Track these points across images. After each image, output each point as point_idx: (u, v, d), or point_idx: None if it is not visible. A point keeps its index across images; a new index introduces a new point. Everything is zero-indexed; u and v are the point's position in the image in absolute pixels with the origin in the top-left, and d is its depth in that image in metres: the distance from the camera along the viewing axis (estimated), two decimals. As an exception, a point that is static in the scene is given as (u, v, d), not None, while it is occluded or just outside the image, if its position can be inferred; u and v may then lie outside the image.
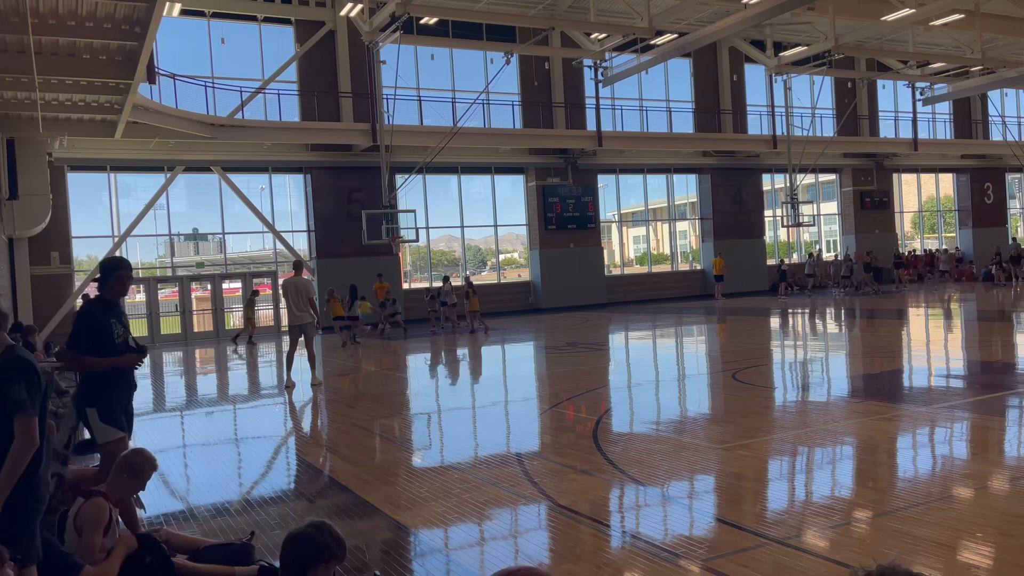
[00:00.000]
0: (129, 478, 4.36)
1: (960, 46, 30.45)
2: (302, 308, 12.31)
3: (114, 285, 5.32)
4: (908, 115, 35.10)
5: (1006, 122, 35.90)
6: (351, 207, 25.29)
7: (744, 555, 4.50)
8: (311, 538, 3.01)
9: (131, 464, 4.37)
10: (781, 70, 30.08)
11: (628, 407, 9.93)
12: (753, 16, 22.10)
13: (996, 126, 36.63)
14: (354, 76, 25.26)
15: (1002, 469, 6.11)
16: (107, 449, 5.28)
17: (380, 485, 6.50)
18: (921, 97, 33.94)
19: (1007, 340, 14.73)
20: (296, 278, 12.62)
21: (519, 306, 28.27)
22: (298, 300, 12.28)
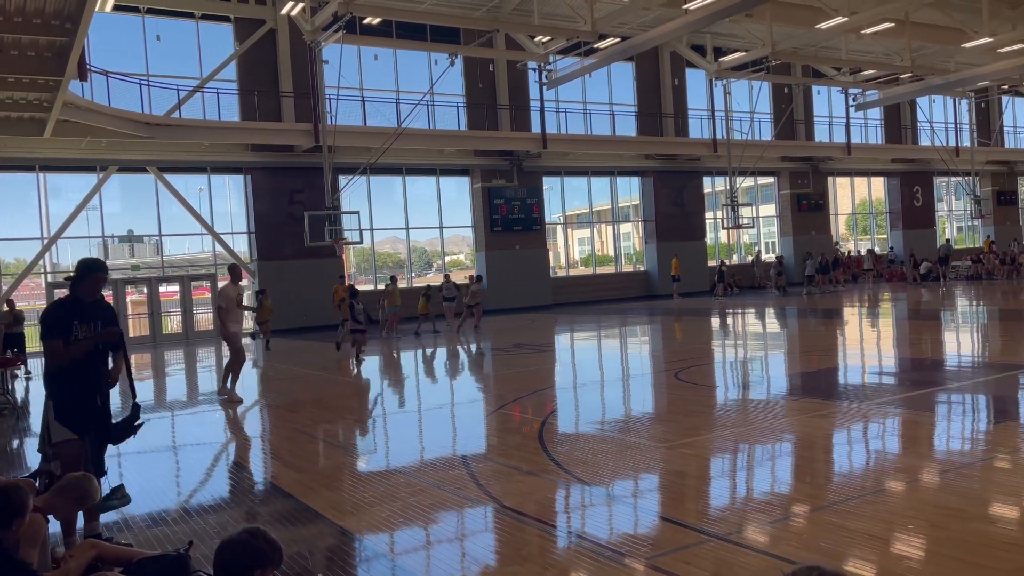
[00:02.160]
0: (75, 504, 4.30)
1: (890, 54, 31.50)
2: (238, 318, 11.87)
3: (88, 286, 5.18)
4: (842, 120, 36.19)
5: (934, 128, 37.30)
6: (293, 208, 24.89)
7: (687, 552, 4.57)
8: (245, 544, 2.94)
9: (81, 492, 4.29)
10: (721, 75, 30.69)
11: (574, 407, 9.99)
12: (694, 22, 22.49)
13: (924, 132, 38.02)
14: (296, 75, 24.87)
15: (932, 463, 6.33)
16: (59, 449, 5.10)
17: (323, 491, 6.40)
18: (854, 103, 35.03)
19: (935, 338, 15.28)
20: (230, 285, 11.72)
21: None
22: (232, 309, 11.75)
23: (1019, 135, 43.02)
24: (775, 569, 4.17)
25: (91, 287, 5.21)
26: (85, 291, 5.20)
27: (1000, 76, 32.03)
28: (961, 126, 39.38)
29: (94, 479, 4.48)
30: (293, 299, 24.73)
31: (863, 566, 4.30)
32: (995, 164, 40.73)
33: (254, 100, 24.51)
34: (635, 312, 25.17)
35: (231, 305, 11.31)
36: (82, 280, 5.16)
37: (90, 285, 5.20)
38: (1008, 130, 42.23)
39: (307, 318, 24.62)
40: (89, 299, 5.25)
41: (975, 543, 4.43)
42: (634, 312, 25.16)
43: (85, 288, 5.19)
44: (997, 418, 7.98)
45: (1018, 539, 4.50)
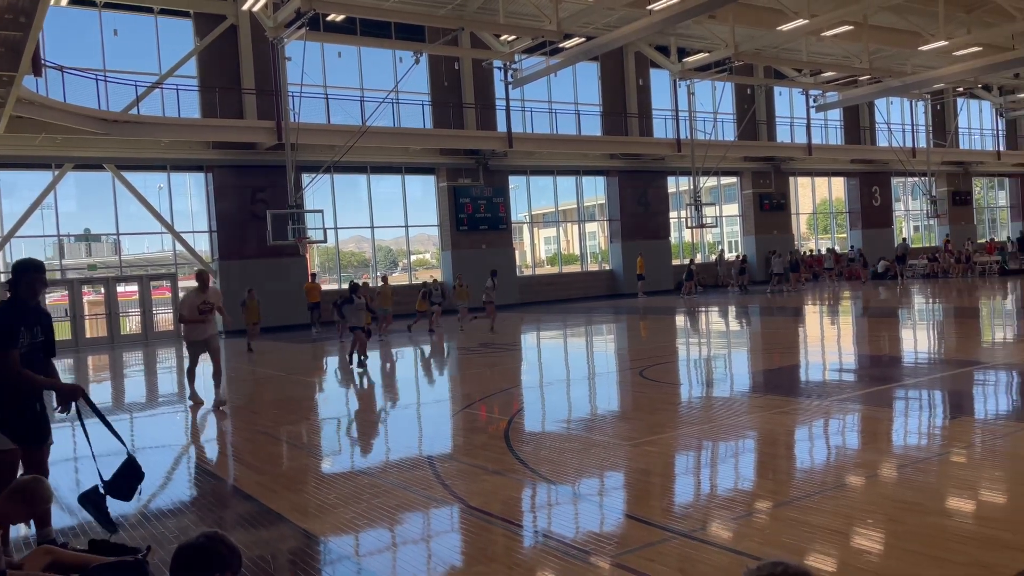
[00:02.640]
0: (24, 508, 4.15)
1: (849, 56, 32.06)
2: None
3: (25, 289, 4.97)
4: (803, 121, 36.74)
5: (891, 129, 38.07)
6: (255, 207, 24.57)
7: (651, 550, 4.59)
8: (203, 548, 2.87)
9: (31, 495, 4.14)
10: (684, 75, 30.97)
11: (540, 406, 10.00)
12: (658, 22, 22.67)
13: (882, 133, 38.78)
14: (258, 72, 24.54)
15: (890, 458, 6.45)
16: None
17: (286, 493, 6.32)
18: (814, 104, 35.59)
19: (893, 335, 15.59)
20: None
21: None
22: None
23: (973, 137, 44.08)
24: (739, 565, 4.21)
25: (28, 289, 5.00)
26: (25, 294, 5.01)
27: (955, 79, 32.81)
28: (917, 127, 40.23)
29: (45, 481, 4.35)
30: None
31: (824, 560, 4.36)
32: (950, 165, 41.68)
33: (215, 97, 24.13)
34: (601, 311, 25.29)
35: (192, 314, 10.78)
36: (18, 283, 4.93)
37: (27, 287, 4.99)
38: (963, 132, 43.23)
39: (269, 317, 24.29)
40: (32, 302, 5.07)
41: (932, 536, 4.52)
42: (600, 311, 25.28)
43: (23, 290, 5.00)
44: (952, 413, 8.16)
45: (973, 532, 4.59)
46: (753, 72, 34.20)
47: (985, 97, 42.98)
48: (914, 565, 4.15)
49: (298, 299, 24.26)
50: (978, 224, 45.15)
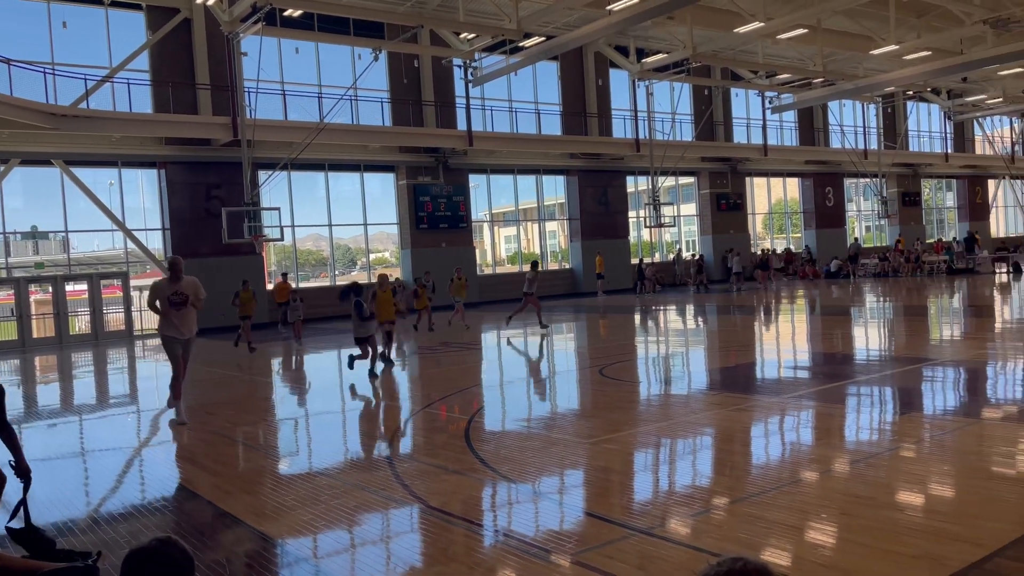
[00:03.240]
0: None
1: (804, 59, 32.65)
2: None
3: None
4: (758, 122, 37.32)
5: (844, 131, 38.88)
6: (210, 204, 24.14)
7: (611, 547, 4.61)
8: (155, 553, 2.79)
9: None
10: (643, 76, 31.24)
11: (500, 405, 10.00)
12: (617, 22, 22.83)
13: (836, 134, 39.58)
14: (213, 67, 24.11)
15: (843, 453, 6.58)
16: None
17: (242, 495, 6.22)
18: (770, 106, 36.17)
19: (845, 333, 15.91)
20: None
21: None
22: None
23: (922, 139, 45.23)
24: (697, 561, 4.25)
25: None
26: None
27: (905, 82, 33.62)
28: (869, 130, 41.15)
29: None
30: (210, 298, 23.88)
31: (780, 555, 4.42)
32: (900, 167, 42.71)
33: (168, 92, 23.64)
34: (560, 309, 25.38)
35: (165, 307, 9.31)
36: None
37: None
38: (912, 134, 44.34)
39: (224, 317, 23.90)
40: None
41: (884, 530, 4.61)
42: (559, 309, 25.37)
43: None
44: (902, 409, 8.36)
45: (923, 525, 4.70)
46: (710, 73, 34.63)
47: (934, 100, 44.14)
48: (866, 558, 4.23)
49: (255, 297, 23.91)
50: (927, 224, 46.34)
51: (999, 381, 9.73)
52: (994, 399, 8.75)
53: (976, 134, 47.65)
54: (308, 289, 27.87)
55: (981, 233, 43.46)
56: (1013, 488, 5.35)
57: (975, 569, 4.00)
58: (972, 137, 47.71)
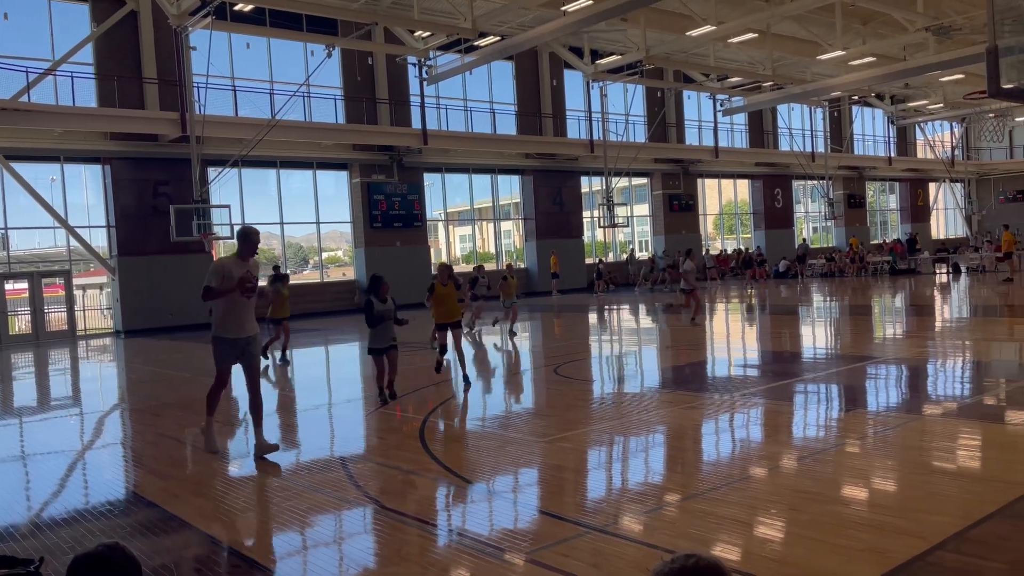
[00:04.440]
0: None
1: (754, 63, 33.24)
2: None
3: None
4: (710, 124, 37.90)
5: (792, 134, 39.71)
6: (158, 201, 23.60)
7: (565, 545, 4.63)
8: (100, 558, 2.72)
9: None
10: (597, 77, 31.47)
11: (455, 405, 9.97)
12: (571, 24, 22.95)
13: (784, 137, 40.39)
14: (160, 61, 23.56)
15: (791, 450, 6.72)
16: None
17: (191, 498, 6.09)
18: (721, 108, 36.75)
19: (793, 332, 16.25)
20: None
21: (343, 306, 27.63)
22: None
23: (867, 143, 46.43)
24: (650, 558, 4.30)
25: None
26: None
27: (851, 87, 34.47)
28: (816, 133, 42.09)
29: None
30: (159, 297, 23.49)
31: (731, 550, 4.50)
32: (846, 169, 43.77)
33: (113, 86, 23.03)
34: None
35: (231, 295, 7.10)
36: None
37: None
38: (858, 138, 45.48)
39: (173, 316, 23.45)
40: None
41: (830, 524, 4.72)
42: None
43: None
44: (848, 406, 8.57)
45: (868, 519, 4.83)
46: (663, 76, 35.04)
47: (878, 105, 45.35)
48: (814, 552, 4.33)
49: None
50: (871, 226, 47.57)
51: (939, 378, 10.04)
52: (934, 396, 9.03)
53: (918, 138, 49.09)
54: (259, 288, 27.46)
55: (922, 235, 44.82)
56: (954, 482, 5.53)
57: (918, 561, 4.12)
58: (914, 141, 49.14)
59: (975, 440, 6.79)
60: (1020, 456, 6.16)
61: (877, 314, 19.54)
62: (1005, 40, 8.58)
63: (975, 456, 6.32)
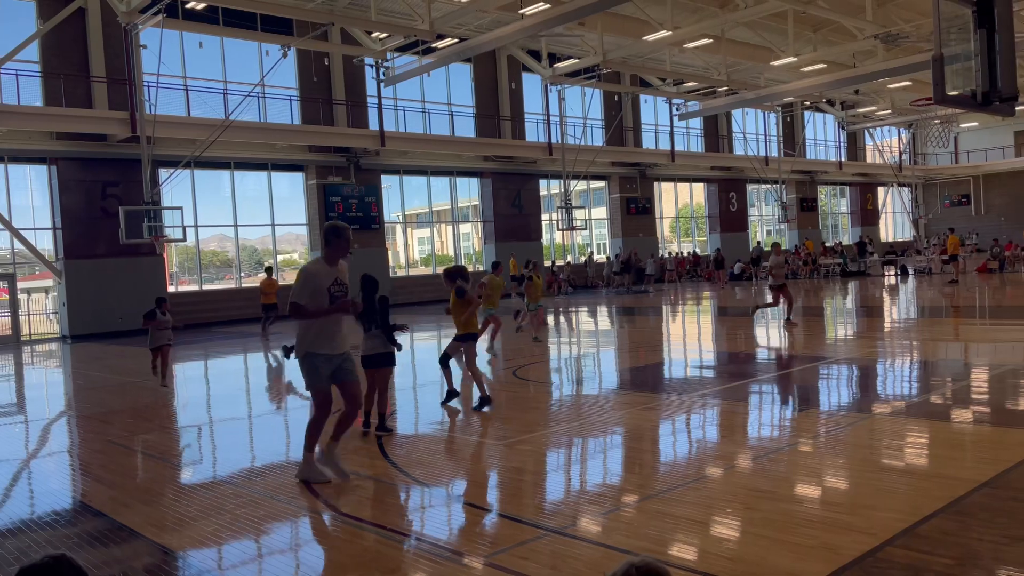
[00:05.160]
0: None
1: (709, 68, 33.71)
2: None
3: None
4: (666, 128, 38.34)
5: (746, 138, 40.37)
6: (107, 203, 23.05)
7: (524, 548, 4.63)
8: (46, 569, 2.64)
9: None
10: (555, 80, 31.61)
11: (413, 409, 9.91)
12: (529, 27, 23.02)
13: (739, 142, 41.05)
14: (109, 60, 23.02)
15: (746, 449, 6.81)
16: None
17: (141, 507, 5.95)
18: (677, 113, 37.19)
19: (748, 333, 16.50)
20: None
21: (299, 309, 27.27)
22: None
23: (819, 147, 47.43)
24: (608, 559, 4.32)
25: None
26: None
27: (803, 93, 35.18)
28: (770, 138, 42.87)
29: None
30: (108, 301, 22.94)
31: (687, 550, 4.54)
32: (799, 173, 44.65)
33: (60, 84, 22.44)
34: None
35: (322, 304, 6.10)
36: None
37: None
38: (809, 142, 46.44)
39: (123, 320, 22.91)
40: None
41: (784, 522, 4.80)
42: (472, 311, 25.37)
43: None
44: (800, 406, 8.72)
45: (821, 517, 4.92)
46: (620, 80, 35.34)
47: (829, 111, 46.36)
48: (768, 550, 4.39)
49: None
50: (823, 228, 48.57)
51: (888, 378, 10.28)
52: (883, 395, 9.24)
53: (867, 143, 50.30)
54: (213, 291, 27.00)
55: (871, 237, 45.91)
56: (902, 480, 5.66)
57: (868, 557, 4.20)
58: (864, 146, 50.34)
59: (922, 438, 6.96)
60: (965, 453, 6.34)
61: (829, 315, 19.94)
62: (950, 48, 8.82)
63: (922, 454, 6.48)
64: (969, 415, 7.83)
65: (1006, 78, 8.85)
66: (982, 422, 7.51)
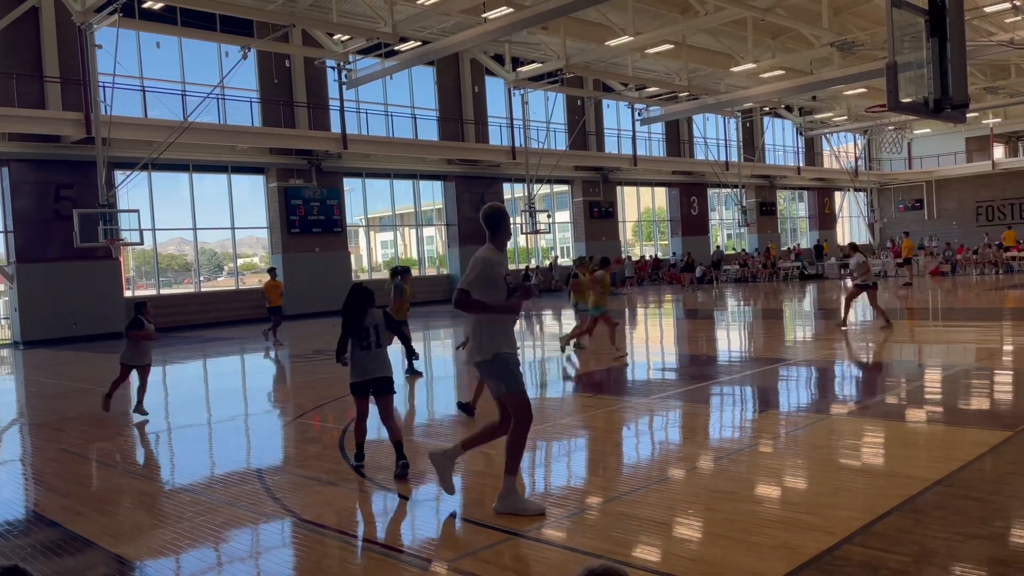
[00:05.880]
0: None
1: (670, 73, 34.09)
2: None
3: None
4: (628, 133, 38.65)
5: (707, 143, 40.88)
6: (60, 205, 22.51)
7: (488, 551, 4.62)
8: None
9: None
10: (518, 84, 31.69)
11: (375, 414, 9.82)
12: (492, 31, 23.04)
13: (700, 147, 41.55)
14: (63, 59, 22.51)
15: (708, 450, 6.89)
16: None
17: (96, 516, 5.81)
18: (639, 117, 37.52)
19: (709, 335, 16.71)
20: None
21: (260, 314, 26.83)
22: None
23: (777, 153, 48.20)
24: (572, 562, 4.33)
25: None
26: None
27: (762, 99, 35.76)
28: (730, 143, 43.45)
29: None
30: (61, 305, 22.40)
31: (650, 551, 4.57)
32: (758, 178, 45.32)
33: (12, 84, 21.87)
34: (438, 315, 25.31)
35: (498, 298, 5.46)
36: None
37: None
38: (769, 148, 47.16)
39: (76, 326, 22.41)
40: None
41: (744, 522, 4.86)
42: (437, 315, 25.30)
43: None
44: (761, 407, 8.85)
45: (780, 516, 4.99)
46: (583, 84, 35.55)
47: (787, 117, 47.15)
48: (729, 550, 4.44)
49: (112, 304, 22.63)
50: (781, 232, 49.36)
51: (845, 379, 10.48)
52: (841, 396, 9.41)
53: (824, 149, 51.25)
54: (172, 296, 26.53)
55: (828, 241, 46.78)
56: (859, 479, 5.77)
57: (826, 555, 4.28)
58: (821, 152, 51.28)
59: (878, 438, 7.11)
60: (920, 452, 6.48)
61: (788, 318, 20.26)
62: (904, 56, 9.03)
63: (879, 453, 6.61)
64: (923, 415, 8.02)
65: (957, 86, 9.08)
66: (935, 422, 7.69)
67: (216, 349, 18.94)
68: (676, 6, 27.85)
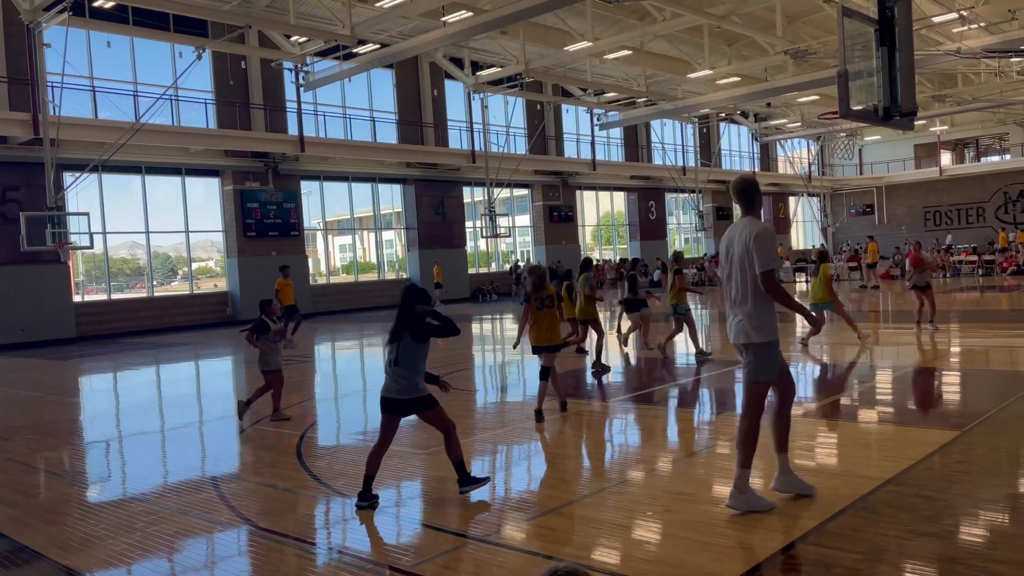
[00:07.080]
0: None
1: (629, 79, 34.41)
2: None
3: None
4: (588, 138, 38.90)
5: (665, 148, 41.35)
6: (6, 208, 21.87)
7: (448, 557, 4.60)
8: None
9: None
10: (478, 88, 31.70)
11: (335, 419, 9.74)
12: (452, 34, 23.01)
13: (658, 152, 42.00)
14: (10, 58, 21.89)
15: (666, 453, 6.95)
16: None
17: (44, 526, 5.65)
18: (598, 122, 37.80)
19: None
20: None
21: (215, 318, 26.51)
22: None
23: (734, 158, 48.95)
24: (532, 565, 4.33)
25: None
26: None
27: (718, 105, 36.28)
28: (687, 148, 44.00)
29: None
30: (7, 311, 21.76)
31: (610, 554, 4.59)
32: (714, 183, 45.94)
33: (-44, 82, 21.22)
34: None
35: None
36: None
37: None
38: (725, 153, 47.88)
39: (24, 332, 21.79)
40: None
41: (703, 523, 4.91)
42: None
43: None
44: (718, 409, 8.96)
45: (737, 517, 5.04)
46: (543, 89, 35.69)
47: (743, 123, 47.95)
48: (687, 551, 4.49)
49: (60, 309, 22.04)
50: (738, 237, 50.09)
51: (800, 380, 10.66)
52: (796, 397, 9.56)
53: (779, 155, 52.21)
54: (123, 300, 25.95)
55: (784, 245, 47.62)
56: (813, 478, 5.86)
57: (781, 555, 4.34)
58: (776, 157, 52.24)
59: (831, 438, 7.24)
60: (871, 452, 6.63)
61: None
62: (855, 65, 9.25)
63: (832, 453, 6.74)
64: (874, 415, 8.20)
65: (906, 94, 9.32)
66: (886, 422, 7.87)
67: (170, 355, 18.57)
68: (634, 12, 28.12)
